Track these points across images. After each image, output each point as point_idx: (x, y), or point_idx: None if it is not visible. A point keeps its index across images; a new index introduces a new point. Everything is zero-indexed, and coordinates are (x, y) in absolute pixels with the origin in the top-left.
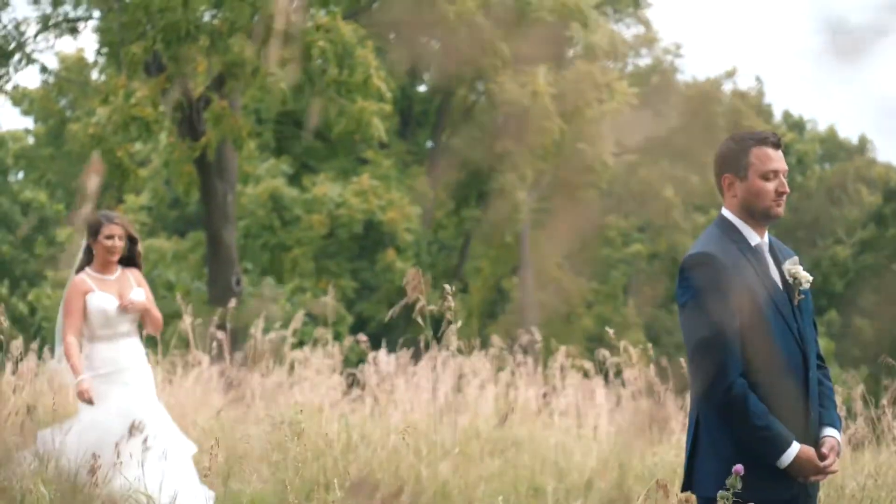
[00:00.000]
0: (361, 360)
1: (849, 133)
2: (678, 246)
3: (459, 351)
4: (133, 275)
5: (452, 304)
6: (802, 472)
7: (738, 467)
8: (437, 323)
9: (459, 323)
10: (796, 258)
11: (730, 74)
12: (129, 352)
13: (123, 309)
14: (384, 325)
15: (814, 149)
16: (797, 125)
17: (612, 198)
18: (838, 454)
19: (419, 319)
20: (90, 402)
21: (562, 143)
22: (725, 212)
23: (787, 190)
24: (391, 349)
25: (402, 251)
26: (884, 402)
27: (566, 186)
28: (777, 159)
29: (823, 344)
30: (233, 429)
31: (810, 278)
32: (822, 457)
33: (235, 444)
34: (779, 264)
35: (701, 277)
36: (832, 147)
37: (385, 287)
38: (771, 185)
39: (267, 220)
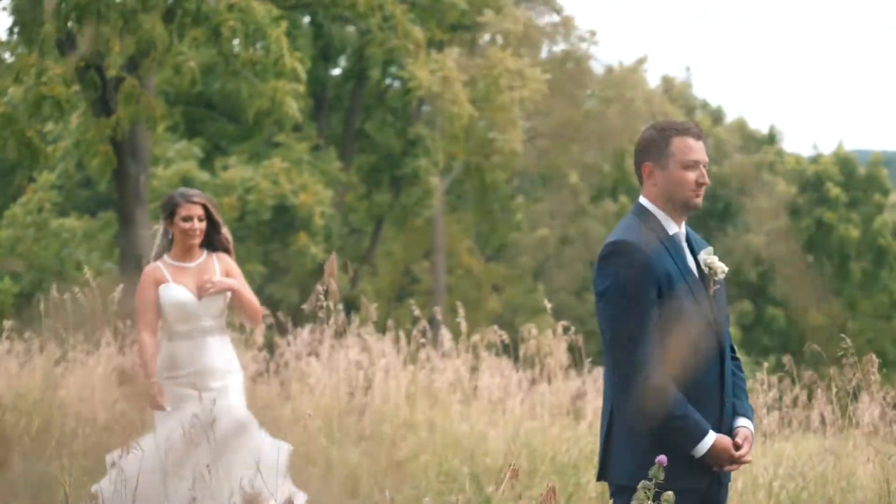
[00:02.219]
0: (270, 342)
1: (759, 124)
2: (589, 232)
3: (377, 330)
4: (220, 261)
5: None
6: (717, 461)
7: (662, 458)
8: (348, 306)
9: (374, 306)
10: (710, 249)
11: (640, 62)
12: (214, 351)
13: (200, 295)
14: (295, 308)
15: (731, 138)
16: (716, 114)
17: (522, 183)
18: (751, 444)
19: (328, 304)
20: (161, 408)
21: (473, 128)
22: (644, 200)
23: (707, 181)
24: (302, 330)
25: (313, 235)
26: (795, 391)
27: (477, 171)
28: (698, 150)
29: (732, 333)
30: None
31: (725, 269)
32: (737, 446)
33: (145, 426)
34: (695, 254)
35: (619, 266)
36: (744, 137)
37: (296, 270)
38: (691, 176)
39: None
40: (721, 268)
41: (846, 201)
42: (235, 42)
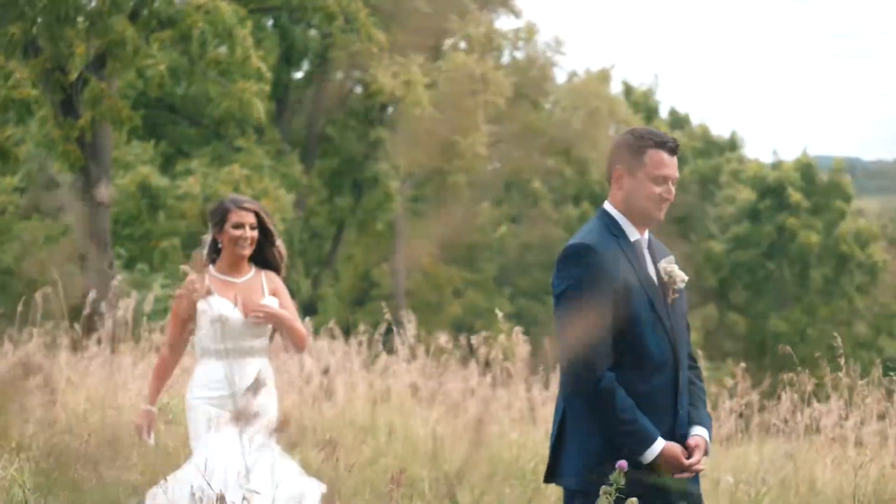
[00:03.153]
0: None
1: (721, 130)
2: (550, 236)
3: (340, 326)
4: (269, 280)
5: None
6: (667, 468)
7: (622, 462)
8: (309, 309)
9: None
10: (672, 257)
11: (603, 76)
12: (252, 374)
13: (253, 319)
14: None
15: (693, 144)
16: (681, 122)
17: (484, 188)
18: (706, 453)
19: None
20: (141, 438)
21: (435, 132)
22: (608, 205)
23: (672, 198)
24: None
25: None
26: (751, 396)
27: (439, 176)
28: (670, 166)
29: (694, 339)
30: (104, 413)
31: (685, 278)
32: (689, 455)
33: (105, 428)
34: (656, 262)
35: (578, 268)
36: (706, 143)
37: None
38: (658, 190)
39: (136, 210)
40: (681, 276)
41: (808, 207)
42: (208, 43)
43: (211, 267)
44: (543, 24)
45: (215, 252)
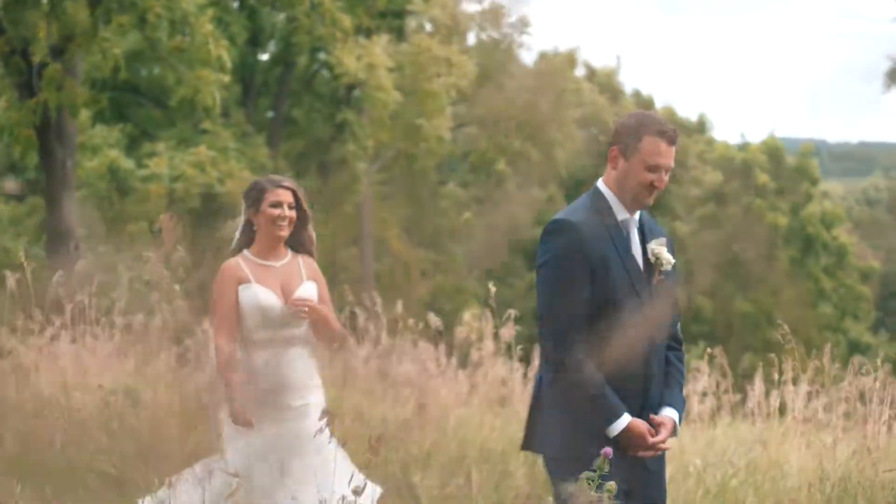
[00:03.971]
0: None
1: (689, 113)
2: (516, 219)
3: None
4: (306, 264)
5: None
6: (631, 445)
7: (608, 450)
8: None
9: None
10: (664, 239)
11: (569, 58)
12: (296, 364)
13: (294, 310)
14: None
15: None
16: (645, 104)
17: (451, 169)
18: (674, 433)
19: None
20: (249, 425)
21: (401, 115)
22: (600, 183)
23: (662, 186)
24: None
25: None
26: (718, 380)
27: (406, 158)
28: (666, 155)
29: None
30: (72, 395)
31: (672, 260)
32: (654, 433)
33: (72, 413)
34: (646, 242)
35: (558, 243)
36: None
37: (225, 256)
38: (650, 177)
39: (105, 192)
40: (667, 259)
41: (775, 189)
42: (164, 29)
43: (245, 251)
44: (509, 5)
45: (250, 235)
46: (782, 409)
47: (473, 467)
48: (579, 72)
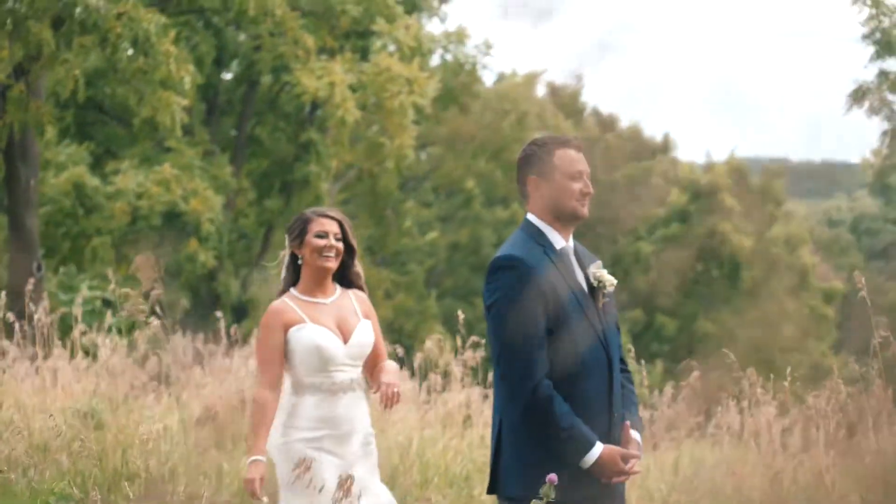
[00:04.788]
0: (160, 347)
1: (653, 132)
2: (480, 238)
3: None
4: (359, 300)
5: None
6: (605, 472)
7: (552, 476)
8: (240, 311)
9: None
10: (600, 262)
11: (530, 79)
12: (353, 410)
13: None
14: (186, 312)
15: (623, 145)
16: (608, 123)
17: (414, 189)
18: (639, 457)
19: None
20: (255, 497)
21: (363, 135)
22: (531, 216)
23: (591, 191)
24: (193, 334)
25: (203, 240)
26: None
27: (369, 177)
28: (580, 161)
29: (623, 342)
30: (33, 417)
31: (614, 282)
32: (626, 459)
33: (33, 433)
34: (583, 268)
35: (507, 280)
36: (637, 145)
37: (187, 275)
38: (576, 186)
39: (70, 208)
40: (610, 281)
41: (740, 211)
42: (125, 49)
43: (292, 289)
44: (472, 28)
45: (295, 272)
46: (745, 432)
47: (437, 492)
48: (543, 92)
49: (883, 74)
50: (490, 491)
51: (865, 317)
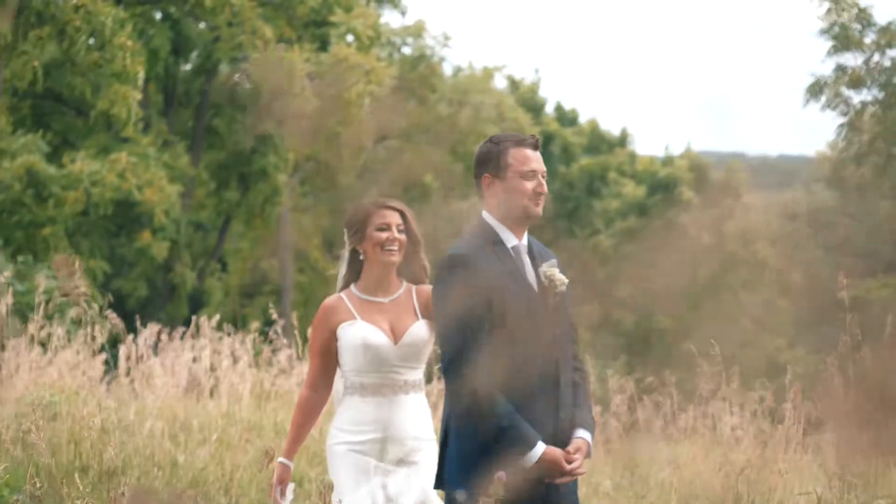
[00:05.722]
0: (116, 339)
1: (610, 126)
2: (438, 231)
3: (220, 329)
4: (420, 297)
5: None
6: (548, 472)
7: (501, 474)
8: (195, 302)
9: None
10: (554, 261)
11: (488, 74)
12: (408, 413)
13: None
14: (142, 303)
15: (580, 140)
16: (568, 118)
17: (372, 182)
18: (588, 455)
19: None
20: (275, 497)
21: (320, 126)
22: (485, 214)
23: (545, 190)
24: (145, 326)
25: (158, 232)
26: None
27: (327, 170)
28: (535, 160)
29: (582, 337)
30: None
31: (566, 281)
32: (569, 459)
33: None
34: (537, 266)
35: (453, 278)
36: (595, 139)
37: (143, 265)
38: (529, 185)
39: (22, 196)
40: (561, 280)
41: (698, 204)
42: (83, 42)
43: (353, 286)
44: (431, 20)
45: (356, 268)
46: (694, 427)
47: None
48: (502, 86)
49: (840, 69)
50: (437, 486)
51: (835, 315)
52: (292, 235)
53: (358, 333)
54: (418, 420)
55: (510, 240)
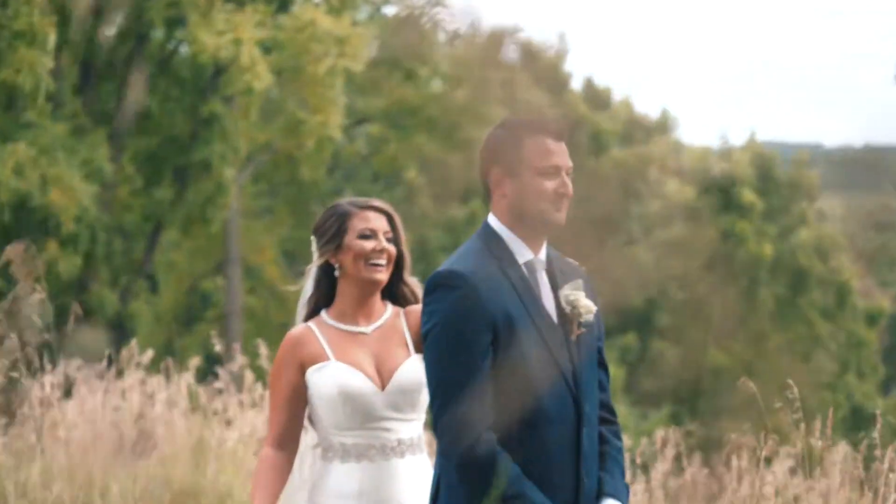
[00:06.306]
0: (12, 381)
1: (648, 108)
2: (428, 242)
3: (151, 366)
4: (412, 322)
5: None
6: None
7: None
8: (117, 331)
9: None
10: (579, 281)
11: (496, 39)
12: (406, 482)
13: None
14: (50, 330)
15: (614, 127)
16: (599, 98)
17: (345, 178)
18: None
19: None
20: None
21: (281, 107)
22: (492, 219)
23: (570, 192)
24: (53, 363)
25: (67, 243)
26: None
27: (288, 162)
28: (558, 153)
29: (615, 377)
30: None
31: (593, 309)
32: None
33: None
34: (557, 288)
35: (448, 303)
36: (631, 126)
37: (48, 284)
38: (549, 185)
39: None
40: (586, 307)
41: (762, 209)
42: None
43: (323, 312)
44: None
45: (328, 287)
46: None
47: None
48: (514, 56)
49: None
50: None
51: None
52: (242, 246)
53: (332, 378)
54: (419, 493)
55: (523, 254)
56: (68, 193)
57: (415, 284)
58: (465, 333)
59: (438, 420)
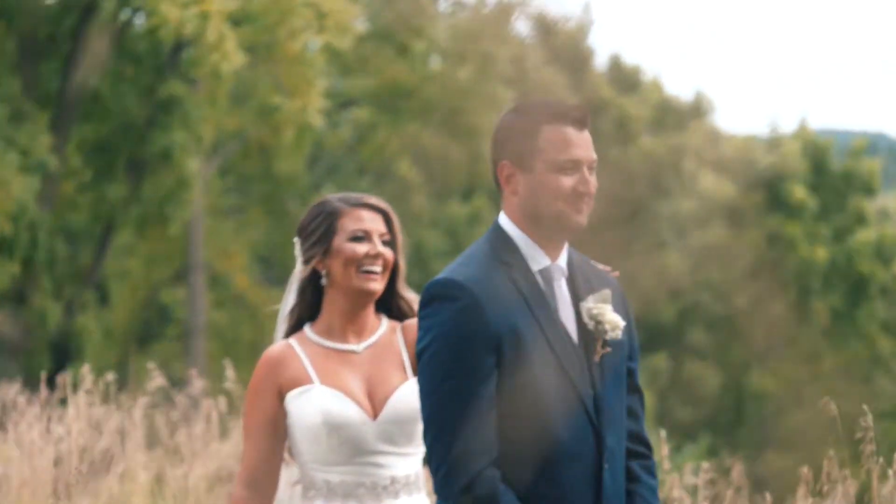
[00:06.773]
0: None
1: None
2: (425, 246)
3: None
4: (411, 338)
5: None
6: None
7: None
8: (61, 350)
9: None
10: (607, 291)
11: (504, 10)
12: None
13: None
14: None
15: (643, 112)
16: (627, 79)
17: (328, 172)
18: None
19: None
20: None
21: (252, 89)
22: (503, 219)
23: (592, 190)
24: None
25: (2, 246)
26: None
27: (261, 153)
28: (580, 144)
29: (649, 404)
30: None
31: (621, 324)
32: None
33: None
34: (579, 299)
35: (443, 317)
36: (662, 111)
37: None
38: (569, 181)
39: None
40: (613, 322)
41: (815, 208)
42: None
43: (307, 327)
44: None
45: (312, 298)
46: None
47: None
48: (526, 30)
49: None
50: None
51: None
52: (207, 251)
53: (316, 405)
54: None
55: (538, 259)
56: (3, 189)
57: (412, 299)
58: (465, 353)
59: (432, 454)
